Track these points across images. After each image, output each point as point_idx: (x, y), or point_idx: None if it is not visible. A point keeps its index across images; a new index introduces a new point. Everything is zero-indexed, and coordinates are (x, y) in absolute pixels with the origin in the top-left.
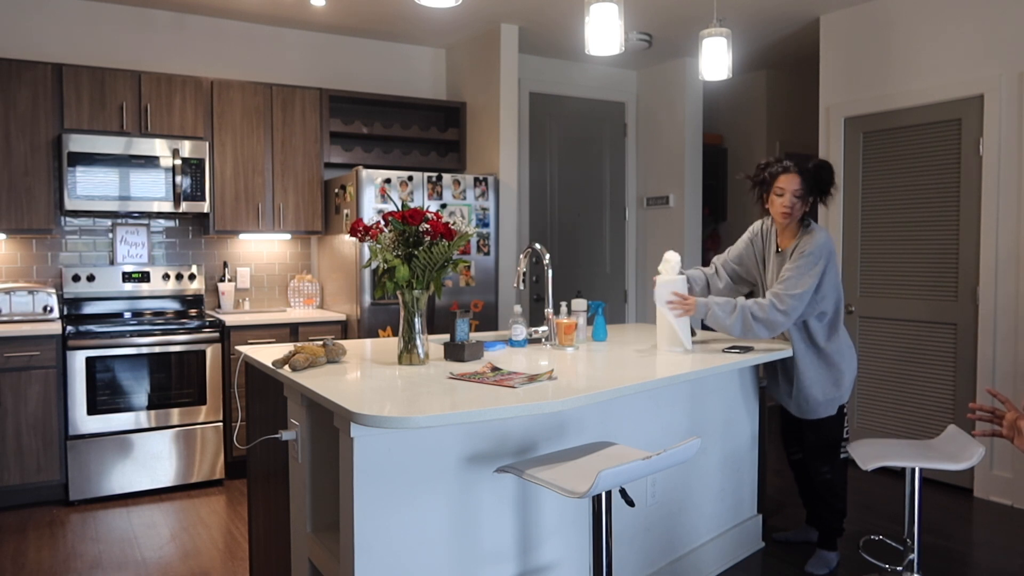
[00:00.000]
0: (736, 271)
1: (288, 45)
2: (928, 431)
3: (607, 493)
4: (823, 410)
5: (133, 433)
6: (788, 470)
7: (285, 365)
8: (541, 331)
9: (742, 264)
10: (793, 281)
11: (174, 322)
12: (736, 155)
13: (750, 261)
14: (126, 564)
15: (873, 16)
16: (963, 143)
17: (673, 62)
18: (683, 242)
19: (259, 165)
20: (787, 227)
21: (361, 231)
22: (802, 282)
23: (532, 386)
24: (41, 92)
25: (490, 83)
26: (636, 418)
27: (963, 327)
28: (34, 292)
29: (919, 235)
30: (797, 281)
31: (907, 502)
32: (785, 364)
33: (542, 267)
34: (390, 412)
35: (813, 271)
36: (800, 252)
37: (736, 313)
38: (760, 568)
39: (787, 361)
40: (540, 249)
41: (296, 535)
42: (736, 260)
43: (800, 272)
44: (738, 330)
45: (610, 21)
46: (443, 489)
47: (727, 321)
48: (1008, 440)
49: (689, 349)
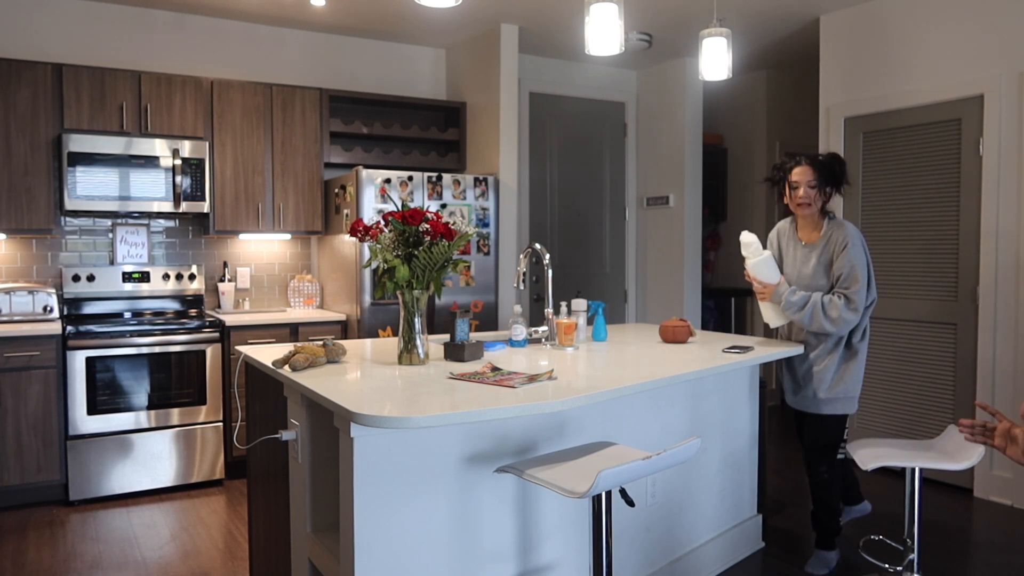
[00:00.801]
0: None
1: (288, 45)
2: (928, 431)
3: (607, 493)
4: (830, 406)
5: (133, 433)
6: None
7: (285, 365)
8: (541, 331)
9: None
10: (852, 276)
11: (174, 322)
12: (736, 155)
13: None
14: (126, 564)
15: (873, 16)
16: (963, 143)
17: (673, 62)
18: (683, 242)
19: (259, 165)
20: (808, 219)
21: (361, 231)
22: (860, 274)
23: (532, 386)
24: (41, 92)
25: (490, 83)
26: (636, 418)
27: (963, 327)
28: (34, 292)
29: (919, 235)
30: (855, 274)
31: (907, 502)
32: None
33: (542, 267)
34: (390, 412)
35: (861, 260)
36: (841, 245)
37: (807, 308)
38: (760, 568)
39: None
40: (540, 249)
41: (296, 535)
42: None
43: (851, 265)
44: (807, 322)
45: (610, 21)
46: (443, 489)
47: (798, 315)
48: (1000, 450)
49: (773, 326)
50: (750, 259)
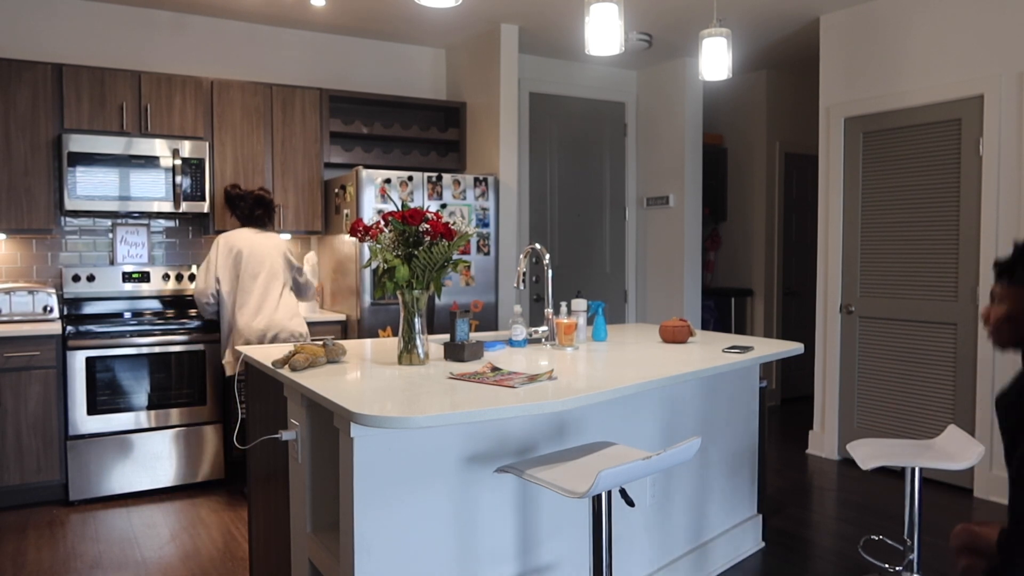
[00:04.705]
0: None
1: (288, 45)
2: (928, 431)
3: (607, 493)
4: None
5: (133, 433)
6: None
7: (285, 365)
8: (541, 331)
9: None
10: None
11: (174, 322)
12: (736, 155)
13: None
14: (126, 564)
15: (873, 16)
16: (963, 143)
17: (673, 62)
18: (683, 242)
19: (259, 165)
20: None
21: (361, 231)
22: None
23: (532, 386)
24: (41, 92)
25: (490, 83)
26: (636, 418)
27: (963, 327)
28: (34, 292)
29: (919, 235)
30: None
31: (907, 502)
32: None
33: (542, 267)
34: (390, 412)
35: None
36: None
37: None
38: (760, 568)
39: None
40: (540, 249)
41: (296, 535)
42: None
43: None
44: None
45: (610, 21)
46: (443, 489)
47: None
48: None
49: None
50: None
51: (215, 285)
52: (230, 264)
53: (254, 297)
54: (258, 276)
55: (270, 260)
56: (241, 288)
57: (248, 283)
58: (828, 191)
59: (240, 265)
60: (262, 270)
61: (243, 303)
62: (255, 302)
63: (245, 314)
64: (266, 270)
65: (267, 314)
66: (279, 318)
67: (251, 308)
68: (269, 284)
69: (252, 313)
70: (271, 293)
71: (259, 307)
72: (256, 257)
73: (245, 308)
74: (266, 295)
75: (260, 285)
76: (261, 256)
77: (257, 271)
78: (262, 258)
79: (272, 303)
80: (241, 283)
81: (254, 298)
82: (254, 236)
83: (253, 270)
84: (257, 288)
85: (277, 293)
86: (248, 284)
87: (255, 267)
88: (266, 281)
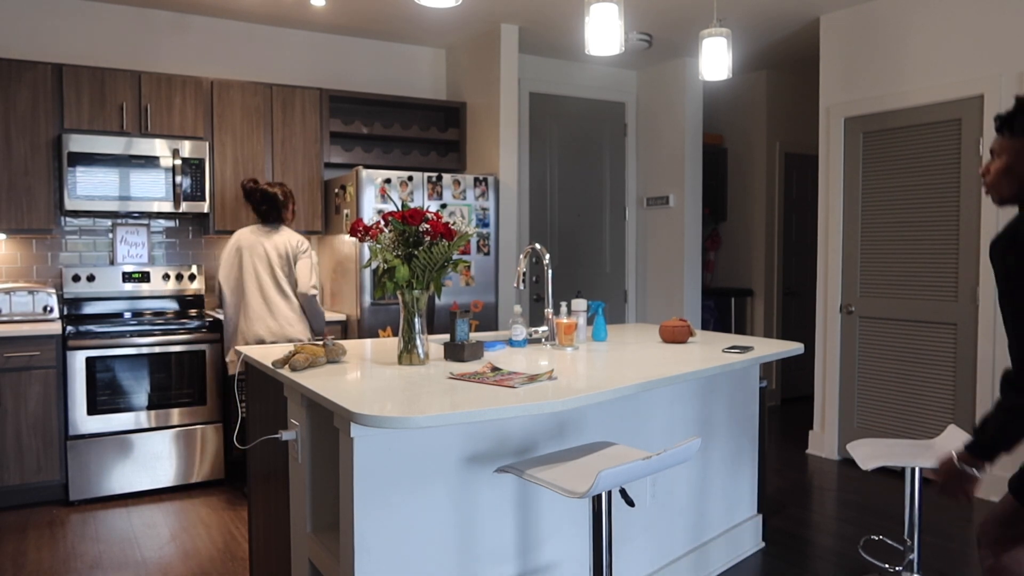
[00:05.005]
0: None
1: (288, 45)
2: (928, 431)
3: (607, 493)
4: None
5: (133, 433)
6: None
7: (285, 365)
8: (541, 331)
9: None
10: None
11: (174, 322)
12: (736, 155)
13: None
14: (126, 564)
15: (873, 16)
16: (963, 143)
17: (673, 62)
18: (683, 242)
19: (259, 165)
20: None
21: (361, 231)
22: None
23: (532, 386)
24: (41, 92)
25: (490, 83)
26: (636, 418)
27: (963, 327)
28: (34, 292)
29: (919, 235)
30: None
31: (907, 502)
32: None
33: (542, 267)
34: (390, 412)
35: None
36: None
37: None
38: (760, 568)
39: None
40: (540, 249)
41: (296, 535)
42: None
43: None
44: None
45: (610, 21)
46: (443, 489)
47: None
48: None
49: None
50: None
51: (220, 284)
52: (232, 263)
53: (252, 298)
54: (256, 277)
55: (268, 260)
56: (240, 288)
57: (248, 283)
58: (828, 191)
59: (241, 265)
60: (260, 270)
61: (243, 304)
62: (253, 304)
63: (244, 316)
64: (264, 270)
65: (265, 320)
66: (275, 326)
67: (250, 310)
68: (266, 286)
69: (252, 317)
70: (269, 296)
71: (257, 311)
72: (255, 257)
73: (244, 309)
74: (264, 298)
75: (259, 286)
76: (259, 256)
77: (254, 271)
78: (260, 258)
79: (271, 307)
80: (241, 283)
81: (252, 299)
82: (257, 235)
83: (251, 270)
84: (256, 289)
85: (276, 297)
86: (248, 284)
87: (252, 267)
88: (265, 282)
